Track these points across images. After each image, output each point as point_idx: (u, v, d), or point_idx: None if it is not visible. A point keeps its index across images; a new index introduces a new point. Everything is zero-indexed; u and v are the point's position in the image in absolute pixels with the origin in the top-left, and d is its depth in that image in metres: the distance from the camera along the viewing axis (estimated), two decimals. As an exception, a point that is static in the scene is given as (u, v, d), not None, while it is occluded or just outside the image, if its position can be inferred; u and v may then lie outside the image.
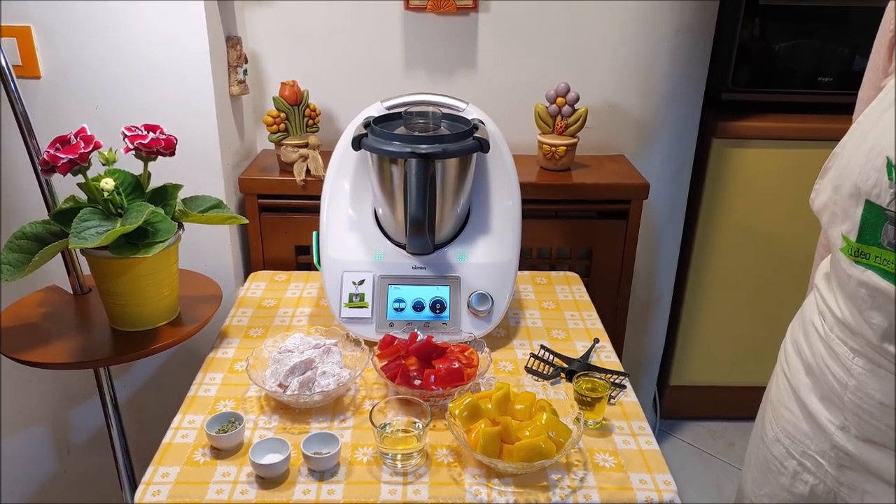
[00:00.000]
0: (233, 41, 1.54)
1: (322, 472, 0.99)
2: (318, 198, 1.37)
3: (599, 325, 1.40)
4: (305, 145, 1.61)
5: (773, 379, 1.08)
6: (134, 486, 1.41)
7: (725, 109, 1.94)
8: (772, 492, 1.03)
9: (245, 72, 1.59)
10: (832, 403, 0.91)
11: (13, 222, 1.51)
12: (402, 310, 1.29)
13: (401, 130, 1.27)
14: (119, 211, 1.14)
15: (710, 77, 1.84)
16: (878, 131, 0.80)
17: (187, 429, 1.08)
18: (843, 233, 0.84)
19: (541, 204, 1.64)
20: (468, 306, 1.29)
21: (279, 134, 1.60)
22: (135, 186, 1.19)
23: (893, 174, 0.76)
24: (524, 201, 1.36)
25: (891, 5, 0.87)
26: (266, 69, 1.72)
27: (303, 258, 1.67)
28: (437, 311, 1.28)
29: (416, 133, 1.25)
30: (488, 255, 1.32)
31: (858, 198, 0.81)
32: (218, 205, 1.25)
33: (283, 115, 1.60)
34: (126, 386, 1.71)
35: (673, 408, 2.34)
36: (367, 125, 1.28)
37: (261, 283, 1.55)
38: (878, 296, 0.80)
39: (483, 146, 1.24)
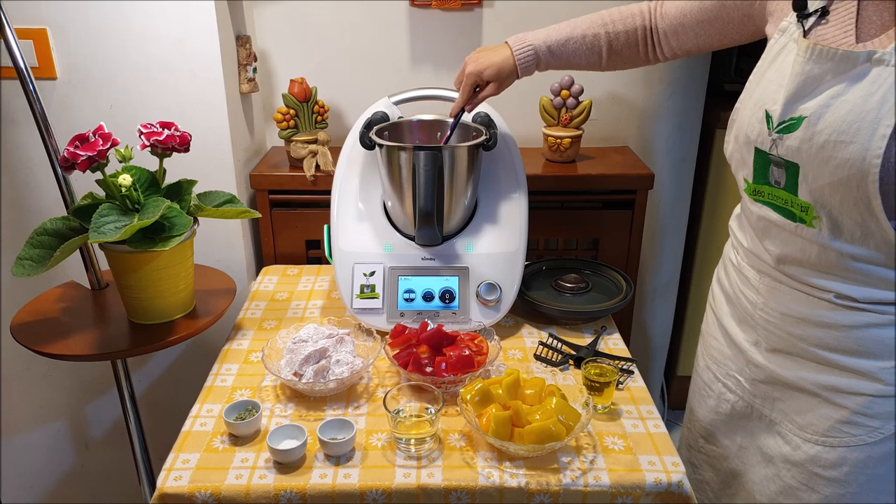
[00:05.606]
0: (242, 40, 1.57)
1: (338, 456, 1.02)
2: (328, 192, 1.40)
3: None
4: (315, 141, 1.64)
5: (704, 317, 1.21)
6: (152, 479, 1.44)
7: (728, 99, 1.95)
8: (703, 415, 1.20)
9: (255, 70, 1.62)
10: (747, 324, 1.07)
11: (28, 219, 1.54)
12: (412, 300, 1.31)
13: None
14: (136, 206, 1.16)
15: (713, 67, 1.86)
16: (761, 88, 0.94)
17: (205, 417, 1.11)
18: (744, 176, 0.99)
19: (547, 195, 1.66)
20: (477, 296, 1.31)
21: (289, 130, 1.63)
22: (151, 182, 1.21)
23: (771, 124, 0.90)
24: (530, 193, 1.39)
25: None
26: (275, 67, 1.75)
27: (313, 252, 1.70)
28: (447, 301, 1.31)
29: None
30: (496, 246, 1.35)
31: (749, 146, 0.95)
32: (231, 199, 1.27)
33: (292, 111, 1.62)
34: (142, 380, 1.74)
35: (681, 398, 2.36)
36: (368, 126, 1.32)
37: (273, 277, 1.58)
38: (771, 227, 0.96)
39: (491, 139, 1.27)
